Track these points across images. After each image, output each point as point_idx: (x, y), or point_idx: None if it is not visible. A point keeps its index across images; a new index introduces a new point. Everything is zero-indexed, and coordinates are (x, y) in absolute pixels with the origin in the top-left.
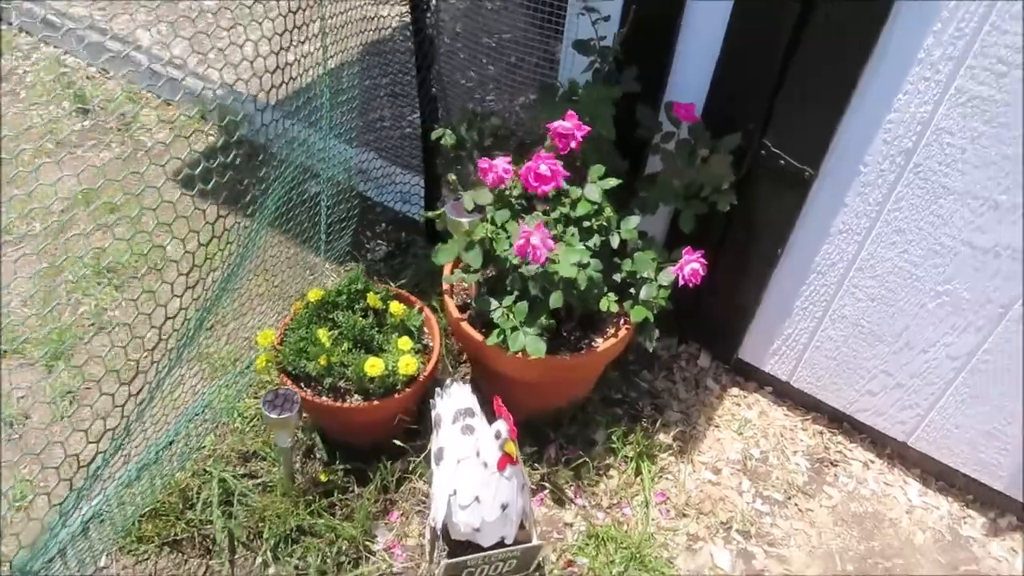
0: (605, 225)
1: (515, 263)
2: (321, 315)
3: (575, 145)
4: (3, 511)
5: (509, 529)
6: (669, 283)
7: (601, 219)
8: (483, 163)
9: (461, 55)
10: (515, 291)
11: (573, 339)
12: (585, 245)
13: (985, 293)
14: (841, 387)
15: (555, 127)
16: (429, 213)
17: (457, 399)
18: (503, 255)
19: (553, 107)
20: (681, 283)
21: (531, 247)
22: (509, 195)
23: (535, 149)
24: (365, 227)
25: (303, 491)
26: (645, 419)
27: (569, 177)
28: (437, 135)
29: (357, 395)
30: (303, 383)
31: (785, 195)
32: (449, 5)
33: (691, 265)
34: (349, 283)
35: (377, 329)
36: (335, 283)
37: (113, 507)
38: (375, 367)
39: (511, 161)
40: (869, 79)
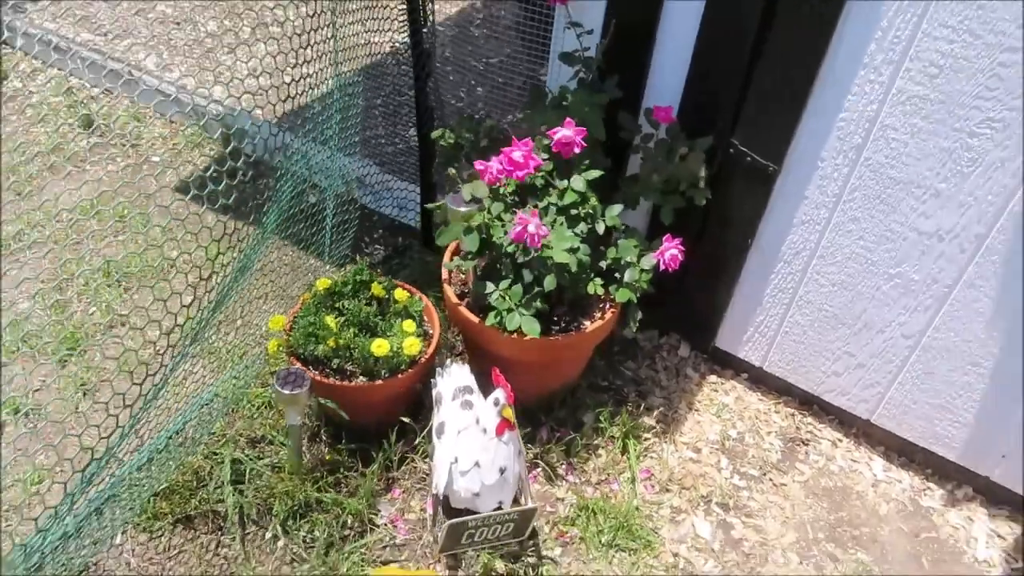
0: (591, 213)
1: (510, 250)
2: (328, 304)
3: (578, 150)
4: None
5: (507, 494)
6: (650, 267)
7: (587, 207)
8: (479, 164)
9: (451, 77)
10: (510, 276)
11: (564, 323)
12: (573, 232)
13: (931, 274)
14: (809, 369)
15: (558, 136)
16: (429, 205)
17: (457, 378)
18: (499, 242)
19: (544, 112)
20: (662, 268)
21: (528, 234)
22: (503, 192)
23: None
24: (364, 233)
25: (310, 469)
26: (630, 403)
27: (546, 158)
28: (437, 135)
29: (362, 376)
30: (312, 366)
31: (753, 190)
32: (439, 32)
33: (671, 251)
34: (354, 275)
35: (380, 316)
36: (341, 275)
37: (127, 489)
38: (381, 347)
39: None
40: (822, 82)
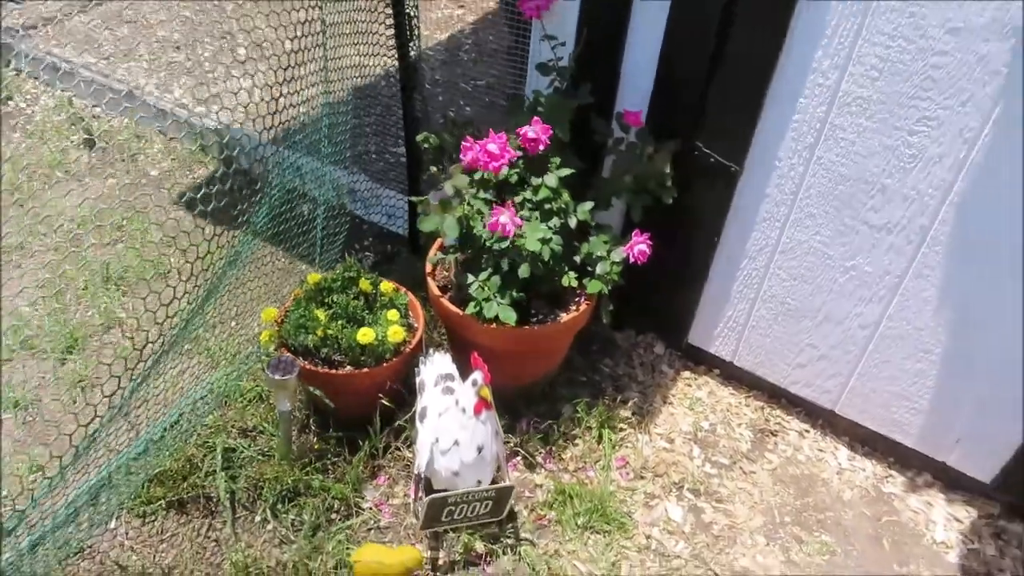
0: (563, 208)
1: (488, 242)
2: (318, 299)
3: (543, 147)
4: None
5: (485, 473)
6: (620, 260)
7: (559, 202)
8: (467, 142)
9: (440, 98)
10: (489, 268)
11: (542, 315)
12: (547, 225)
13: (883, 266)
14: (776, 362)
15: (524, 132)
16: (414, 198)
17: (439, 366)
18: (478, 233)
19: (521, 115)
20: (631, 260)
21: (500, 224)
22: (485, 177)
23: None
24: (354, 240)
25: (299, 456)
26: (607, 397)
27: (519, 157)
28: (422, 138)
29: (350, 366)
30: (302, 356)
31: (717, 189)
32: (429, 56)
33: (639, 246)
34: (344, 271)
35: (368, 310)
36: (331, 272)
37: (122, 476)
38: (367, 336)
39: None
40: (776, 87)
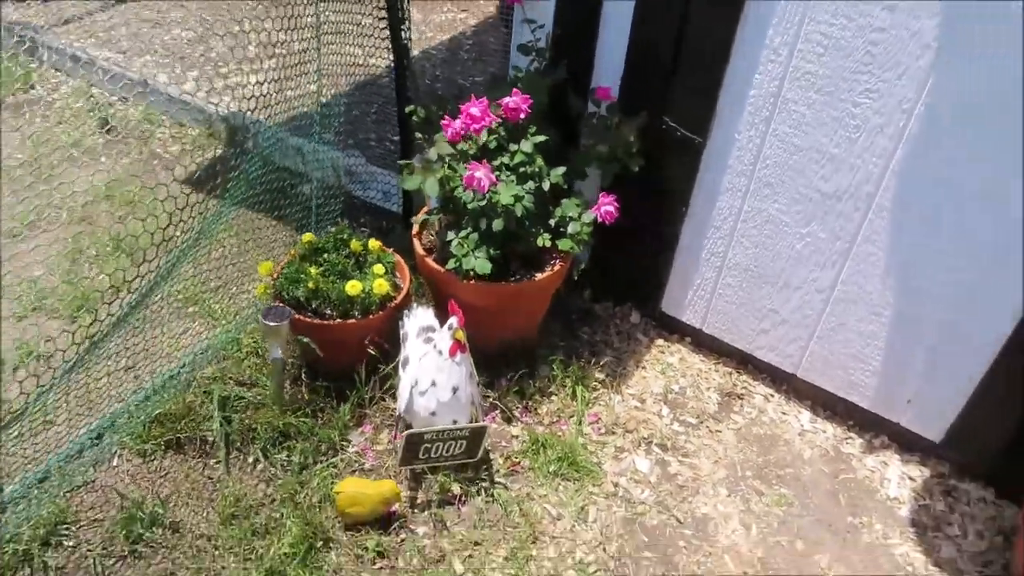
0: (537, 172)
1: (469, 204)
2: (311, 257)
3: (523, 116)
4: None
5: (461, 414)
6: (590, 220)
7: (534, 167)
8: (446, 121)
9: (439, 93)
10: (468, 227)
11: (519, 275)
12: (522, 188)
13: (834, 232)
14: (742, 328)
15: (506, 103)
16: (401, 161)
17: (421, 319)
18: (459, 195)
19: (503, 89)
20: (600, 220)
21: (476, 179)
22: (463, 154)
23: None
24: (351, 217)
25: (290, 403)
26: (583, 360)
27: (500, 124)
28: (410, 110)
29: (339, 319)
30: (294, 310)
31: (684, 161)
32: (431, 55)
33: (606, 206)
34: (336, 233)
35: (358, 269)
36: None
37: (124, 419)
38: (354, 287)
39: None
40: (734, 64)
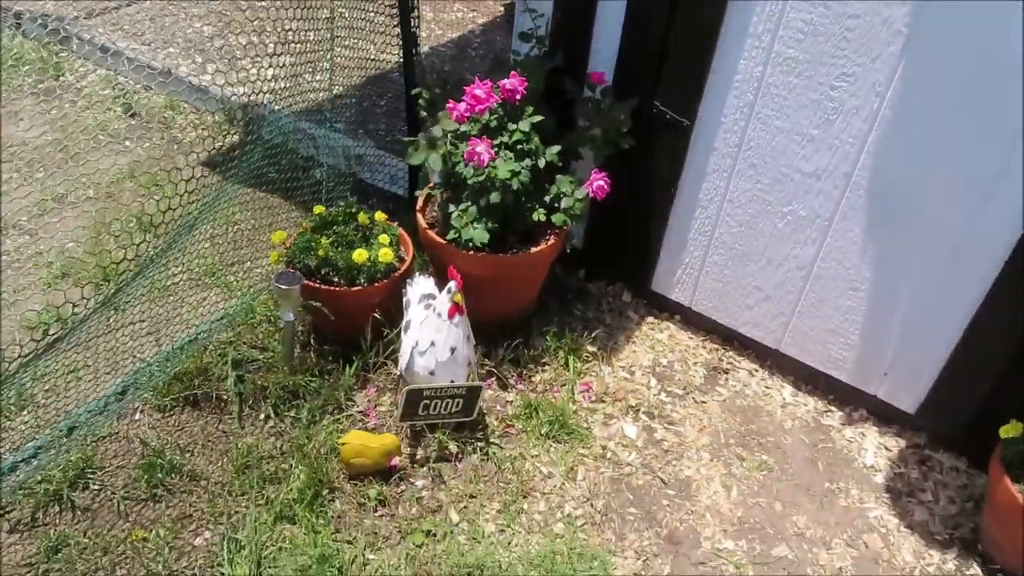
0: (533, 150)
1: (469, 180)
2: (322, 230)
3: (519, 97)
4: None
5: (458, 374)
6: (583, 195)
7: (530, 144)
8: (450, 104)
9: (448, 86)
10: (468, 201)
11: (517, 249)
12: (519, 164)
13: (814, 210)
14: (728, 305)
15: (503, 84)
16: (407, 138)
17: (422, 287)
18: (460, 171)
19: (504, 72)
20: (592, 195)
21: (476, 152)
22: (463, 135)
23: None
24: (360, 201)
25: (299, 365)
26: (575, 333)
27: (500, 104)
28: (416, 93)
29: (346, 286)
30: (305, 277)
31: (673, 144)
32: (440, 52)
33: (597, 182)
34: (346, 208)
35: (365, 242)
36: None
37: (145, 378)
38: (361, 255)
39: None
40: (720, 49)
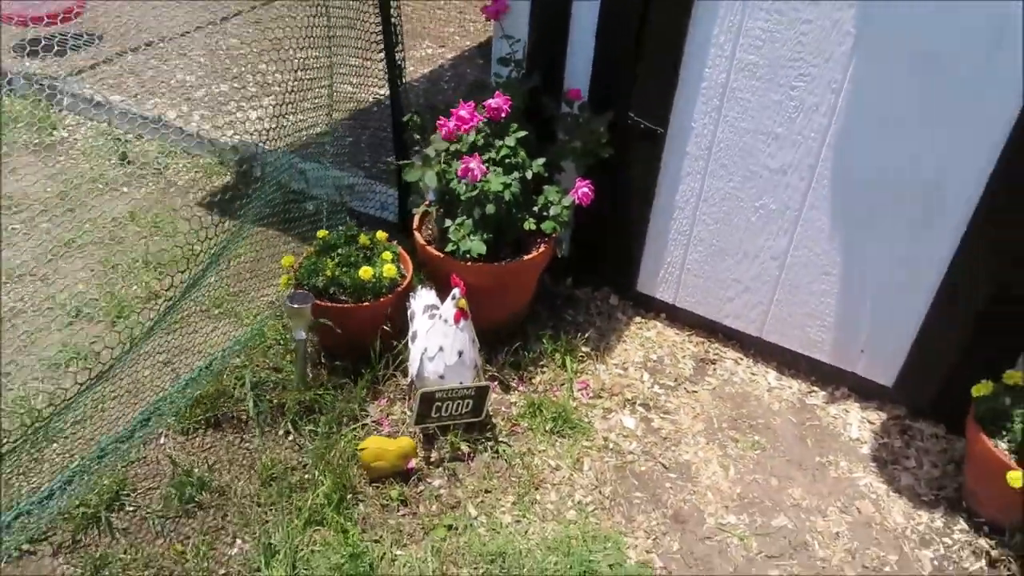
0: (520, 163)
1: (463, 195)
2: (326, 253)
3: (504, 115)
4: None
5: (466, 375)
6: (569, 203)
7: (517, 158)
8: (440, 120)
9: (439, 108)
10: (463, 215)
11: (510, 259)
12: (509, 177)
13: (784, 202)
14: (710, 300)
15: (488, 103)
16: (402, 162)
17: (426, 298)
18: (453, 187)
19: (485, 92)
20: (577, 202)
21: (470, 169)
22: (456, 148)
23: None
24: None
25: (312, 382)
26: (569, 335)
27: (485, 123)
28: (407, 118)
29: (353, 304)
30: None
31: (649, 151)
32: (414, 87)
33: (582, 189)
34: (347, 231)
35: (367, 260)
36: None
37: (166, 406)
38: (367, 272)
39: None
40: (686, 60)
